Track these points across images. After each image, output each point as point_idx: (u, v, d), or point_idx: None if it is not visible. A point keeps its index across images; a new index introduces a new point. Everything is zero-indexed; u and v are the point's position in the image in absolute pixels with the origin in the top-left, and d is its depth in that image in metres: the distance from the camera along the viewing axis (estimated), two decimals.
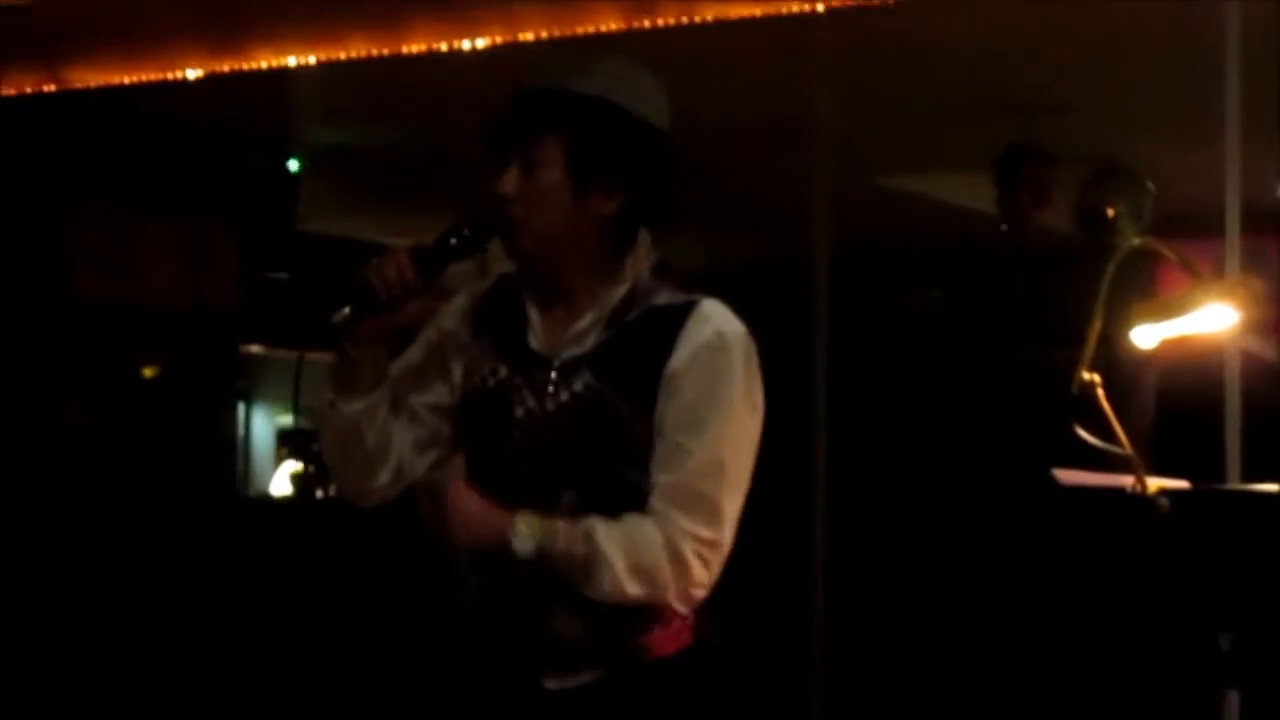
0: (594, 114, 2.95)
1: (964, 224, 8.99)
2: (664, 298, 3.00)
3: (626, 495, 2.94)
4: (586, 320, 3.00)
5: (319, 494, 9.67)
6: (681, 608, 2.96)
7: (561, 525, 2.88)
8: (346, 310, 2.91)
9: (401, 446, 3.11)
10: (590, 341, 2.99)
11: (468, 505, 2.90)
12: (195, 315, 8.08)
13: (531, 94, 2.97)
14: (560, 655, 2.94)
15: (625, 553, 2.88)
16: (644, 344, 2.96)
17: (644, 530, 2.90)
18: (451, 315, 3.14)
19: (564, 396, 2.96)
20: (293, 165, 8.51)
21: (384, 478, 3.12)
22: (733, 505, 2.96)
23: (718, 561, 2.95)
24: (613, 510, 2.93)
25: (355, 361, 3.00)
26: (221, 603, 7.54)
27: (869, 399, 9.88)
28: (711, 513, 2.93)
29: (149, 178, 7.80)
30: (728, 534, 2.96)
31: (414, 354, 3.16)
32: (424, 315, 3.02)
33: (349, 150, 8.51)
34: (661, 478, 2.93)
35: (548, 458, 2.96)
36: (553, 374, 2.99)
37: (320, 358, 3.10)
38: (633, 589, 2.89)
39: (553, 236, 2.96)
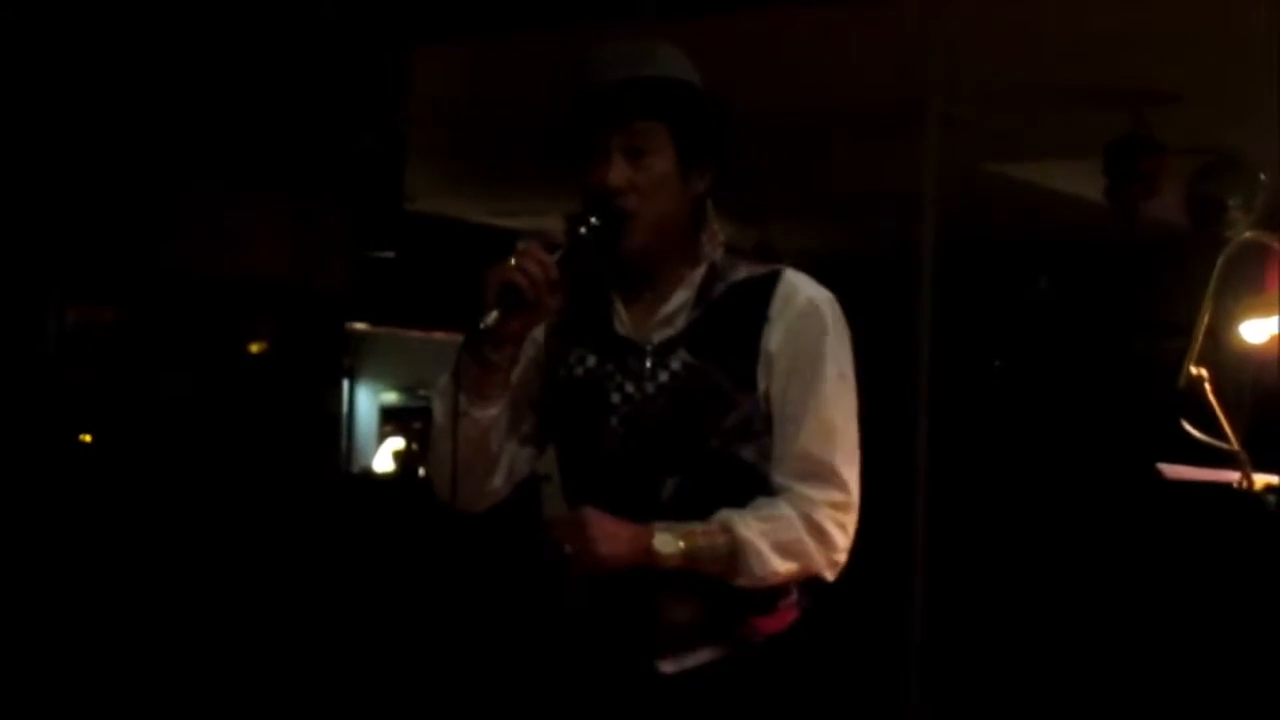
0: (688, 98, 2.95)
1: (1072, 212, 8.93)
2: (745, 271, 3.00)
3: (732, 473, 2.94)
4: (677, 301, 2.99)
5: (421, 471, 9.72)
6: (829, 575, 2.96)
7: (697, 526, 2.87)
8: (495, 314, 2.83)
9: (512, 446, 3.10)
10: (681, 322, 2.98)
11: (608, 524, 2.85)
12: (302, 292, 8.12)
13: (628, 84, 2.93)
14: (674, 640, 2.94)
15: (765, 534, 2.88)
16: (736, 318, 2.96)
17: (777, 508, 2.91)
18: None
19: (663, 377, 2.95)
20: (401, 144, 8.53)
21: (498, 480, 3.09)
22: (850, 466, 2.97)
23: (852, 522, 2.97)
24: (719, 491, 2.93)
25: (494, 364, 2.93)
26: (325, 580, 7.59)
27: (973, 386, 9.83)
28: (833, 476, 2.94)
29: (259, 154, 7.85)
30: (855, 492, 2.97)
31: None
32: (555, 310, 2.96)
33: (457, 130, 8.54)
34: (779, 452, 2.94)
35: (650, 441, 2.94)
36: (648, 357, 2.98)
37: (421, 336, 3.06)
38: (783, 567, 2.90)
39: (663, 223, 2.95)
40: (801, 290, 2.97)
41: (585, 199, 2.94)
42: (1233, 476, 4.00)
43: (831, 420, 2.95)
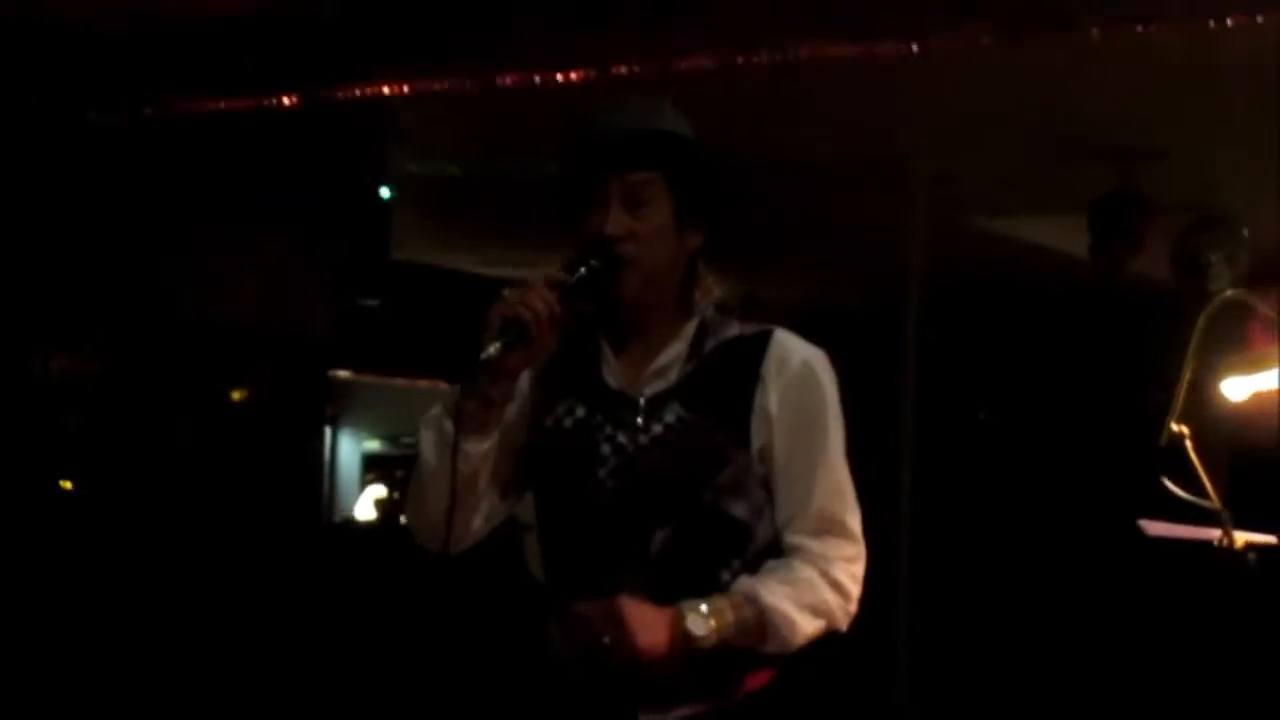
0: (690, 155, 2.99)
1: (1058, 267, 8.95)
2: (735, 329, 3.03)
3: (722, 528, 2.95)
4: (670, 354, 3.00)
5: (403, 519, 9.68)
6: (844, 626, 2.99)
7: (722, 599, 2.88)
8: (497, 346, 2.83)
9: (494, 489, 3.09)
10: (674, 375, 2.99)
11: (646, 613, 2.83)
12: (286, 339, 8.12)
13: (631, 135, 2.97)
14: (657, 694, 2.92)
15: (791, 598, 2.90)
16: (729, 375, 2.98)
17: (796, 571, 2.93)
18: None
19: (656, 430, 2.95)
20: (385, 194, 8.54)
21: (479, 521, 3.09)
22: (856, 516, 3.02)
23: (862, 571, 3.00)
24: (708, 546, 2.94)
25: (492, 399, 2.93)
26: (305, 627, 7.56)
27: (956, 439, 9.82)
28: (845, 531, 2.98)
29: (245, 202, 7.85)
30: (862, 541, 3.01)
31: None
32: (553, 349, 2.97)
33: (441, 180, 8.55)
34: (790, 513, 2.97)
35: (642, 493, 2.94)
36: (640, 409, 2.98)
37: (404, 384, 3.05)
38: (811, 628, 2.93)
39: (657, 274, 2.97)
40: (795, 351, 3.00)
41: (581, 246, 2.95)
42: (1214, 534, 4.00)
43: (838, 477, 2.99)
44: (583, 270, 2.91)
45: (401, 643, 7.64)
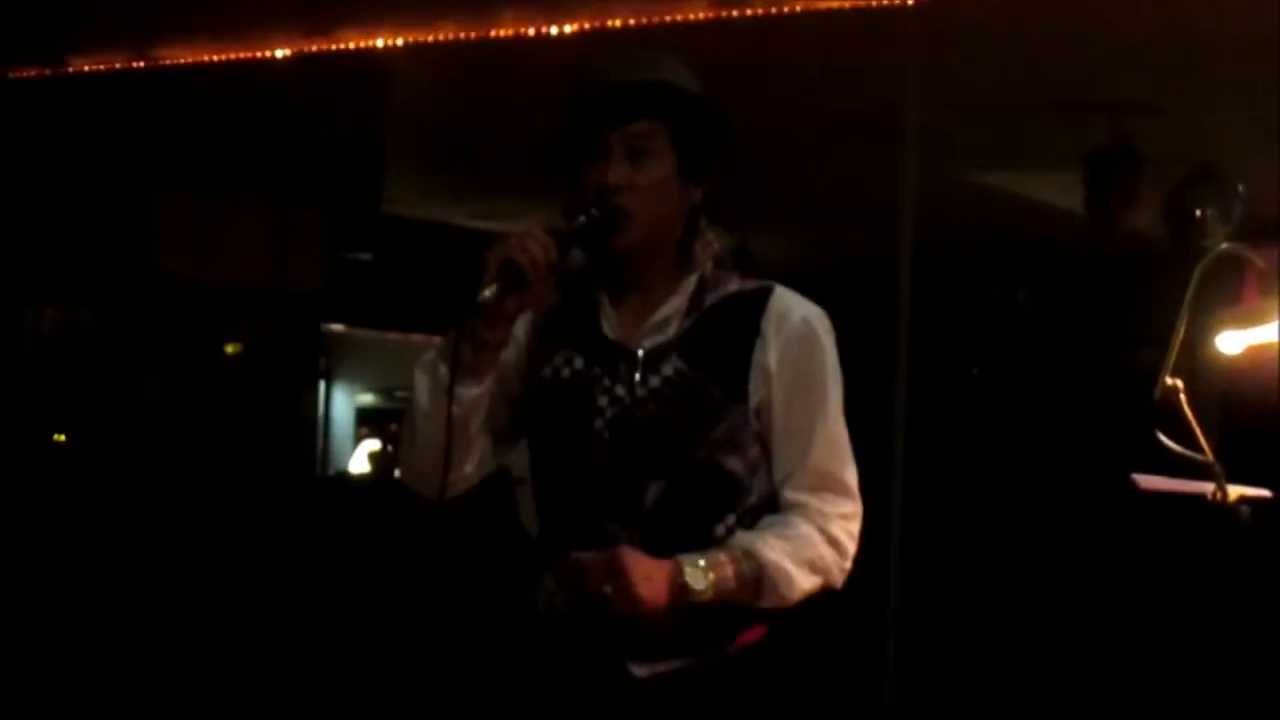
0: (693, 106, 2.97)
1: (1052, 223, 8.94)
2: (736, 285, 3.02)
3: (715, 483, 2.94)
4: (669, 308, 2.99)
5: (397, 473, 9.69)
6: (840, 583, 2.99)
7: (720, 554, 2.88)
8: (493, 289, 2.82)
9: (486, 435, 3.07)
10: (673, 329, 2.98)
11: (646, 565, 2.83)
12: (279, 294, 8.11)
13: (633, 86, 2.95)
14: (650, 647, 2.92)
15: (789, 554, 2.90)
16: (728, 330, 2.97)
17: (794, 527, 2.94)
18: None
19: (654, 383, 2.95)
20: (378, 148, 8.51)
21: (470, 467, 3.07)
22: (853, 473, 3.02)
23: (858, 528, 3.01)
24: (701, 500, 2.94)
25: (485, 343, 2.91)
26: (300, 580, 7.57)
27: (950, 396, 9.83)
28: (843, 488, 2.99)
29: (237, 158, 7.83)
30: (859, 498, 3.01)
31: None
32: (549, 296, 2.96)
33: (434, 134, 8.53)
34: (788, 469, 2.97)
35: (638, 445, 2.93)
36: (639, 362, 2.97)
37: (398, 338, 3.03)
38: (808, 584, 2.93)
39: (657, 226, 2.96)
40: (795, 309, 2.99)
41: (581, 198, 2.93)
42: (1207, 488, 4.00)
43: (836, 434, 2.99)
44: (582, 219, 2.90)
45: (394, 595, 7.65)
